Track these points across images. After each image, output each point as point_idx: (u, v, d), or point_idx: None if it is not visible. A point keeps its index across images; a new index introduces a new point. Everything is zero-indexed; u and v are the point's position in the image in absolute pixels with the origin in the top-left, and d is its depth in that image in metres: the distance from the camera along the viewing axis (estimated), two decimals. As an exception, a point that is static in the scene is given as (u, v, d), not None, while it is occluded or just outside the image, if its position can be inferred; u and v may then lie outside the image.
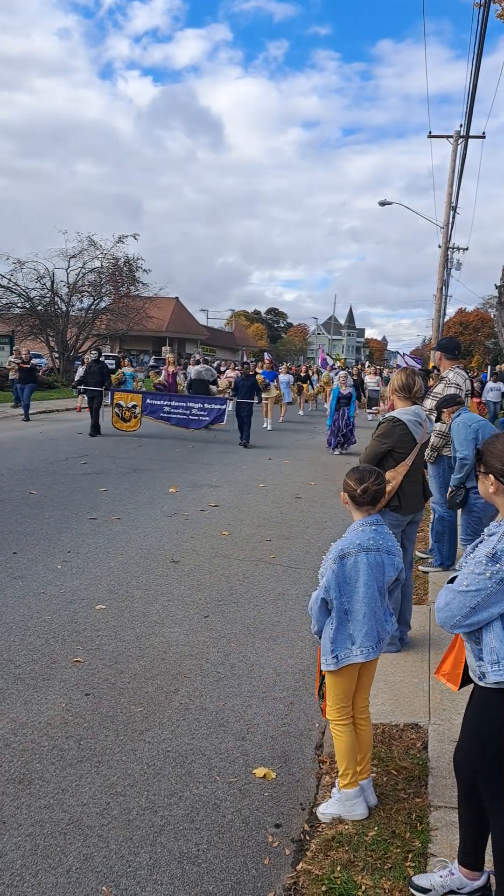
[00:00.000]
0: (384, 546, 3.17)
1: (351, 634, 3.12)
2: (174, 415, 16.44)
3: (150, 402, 16.62)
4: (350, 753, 3.16)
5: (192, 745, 3.75)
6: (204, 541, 7.77)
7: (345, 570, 3.10)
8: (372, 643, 3.12)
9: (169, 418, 16.45)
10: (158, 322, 47.24)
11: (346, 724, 3.17)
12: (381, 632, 3.16)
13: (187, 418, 16.37)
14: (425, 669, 4.63)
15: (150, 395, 17.05)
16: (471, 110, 20.85)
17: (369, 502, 3.21)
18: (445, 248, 29.06)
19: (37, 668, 4.55)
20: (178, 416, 16.42)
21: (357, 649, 3.10)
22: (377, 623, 3.14)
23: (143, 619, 5.43)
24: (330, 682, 3.19)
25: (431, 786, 3.34)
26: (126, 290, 34.30)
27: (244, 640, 5.16)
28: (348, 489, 3.24)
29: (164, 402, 16.63)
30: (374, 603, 3.12)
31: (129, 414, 16.55)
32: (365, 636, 3.10)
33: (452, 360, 6.95)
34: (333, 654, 3.11)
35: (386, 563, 3.16)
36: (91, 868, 2.84)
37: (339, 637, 3.12)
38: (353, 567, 3.11)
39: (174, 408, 16.49)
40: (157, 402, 16.64)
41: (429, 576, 6.71)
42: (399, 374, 4.95)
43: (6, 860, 2.87)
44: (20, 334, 31.49)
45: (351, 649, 3.11)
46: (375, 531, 3.18)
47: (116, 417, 16.49)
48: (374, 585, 3.11)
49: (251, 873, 2.88)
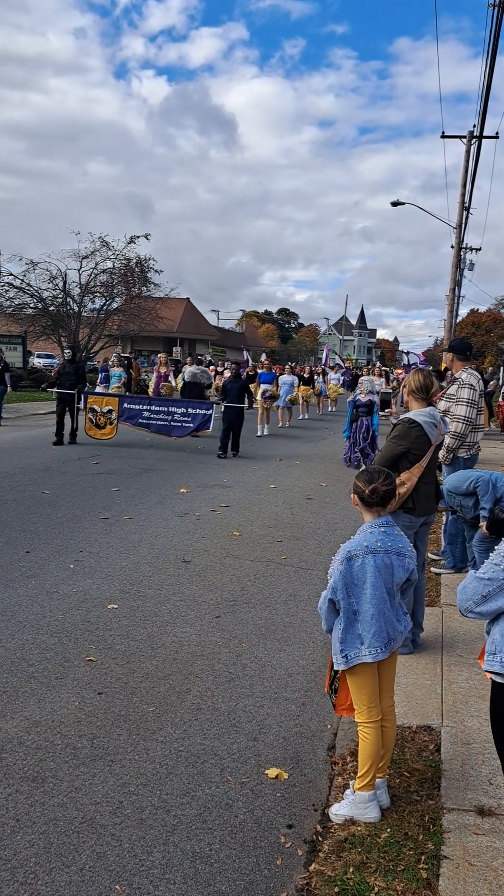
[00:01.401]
0: (393, 547, 3.16)
1: (360, 635, 3.12)
2: (154, 421, 14.66)
3: (127, 406, 14.81)
4: (375, 756, 3.14)
5: (204, 745, 3.75)
6: (215, 541, 7.78)
7: (352, 572, 3.11)
8: (381, 643, 3.11)
9: (149, 425, 14.69)
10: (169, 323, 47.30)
11: (374, 725, 3.15)
12: (391, 632, 3.15)
13: (169, 425, 14.61)
14: (438, 672, 4.62)
15: (128, 399, 15.27)
16: (485, 111, 20.82)
17: (379, 503, 3.21)
18: (458, 249, 28.95)
19: (50, 666, 4.57)
20: (158, 422, 14.65)
21: (366, 649, 3.11)
22: (386, 623, 3.13)
23: (154, 619, 5.44)
24: (354, 684, 3.18)
25: (444, 788, 3.33)
26: (137, 290, 34.37)
27: (256, 640, 5.16)
28: (357, 490, 3.25)
29: (144, 406, 14.82)
30: (383, 604, 3.12)
31: (104, 420, 14.75)
32: (374, 636, 3.10)
33: (464, 361, 6.92)
34: (343, 654, 3.13)
35: (395, 565, 3.15)
36: (104, 867, 2.86)
37: (347, 637, 3.13)
38: (361, 568, 3.11)
39: (154, 413, 14.70)
40: (136, 406, 14.85)
41: (441, 578, 6.69)
42: (416, 375, 4.93)
43: (20, 858, 2.88)
44: (32, 334, 31.63)
45: (360, 649, 3.11)
46: (384, 533, 3.18)
47: (90, 424, 14.77)
48: (381, 587, 3.11)
49: (263, 874, 2.89)
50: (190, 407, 14.86)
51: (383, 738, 3.21)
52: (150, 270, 33.91)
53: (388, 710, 3.28)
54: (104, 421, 14.75)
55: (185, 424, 14.58)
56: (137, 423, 14.74)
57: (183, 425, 14.58)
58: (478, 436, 6.82)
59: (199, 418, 14.56)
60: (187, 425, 14.58)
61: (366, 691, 3.16)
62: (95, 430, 14.76)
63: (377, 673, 3.20)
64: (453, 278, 29.02)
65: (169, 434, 14.64)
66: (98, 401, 14.93)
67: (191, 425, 14.56)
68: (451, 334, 29.54)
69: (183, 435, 14.63)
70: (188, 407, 14.85)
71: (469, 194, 28.09)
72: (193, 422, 14.55)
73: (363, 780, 3.14)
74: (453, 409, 6.62)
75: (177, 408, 14.79)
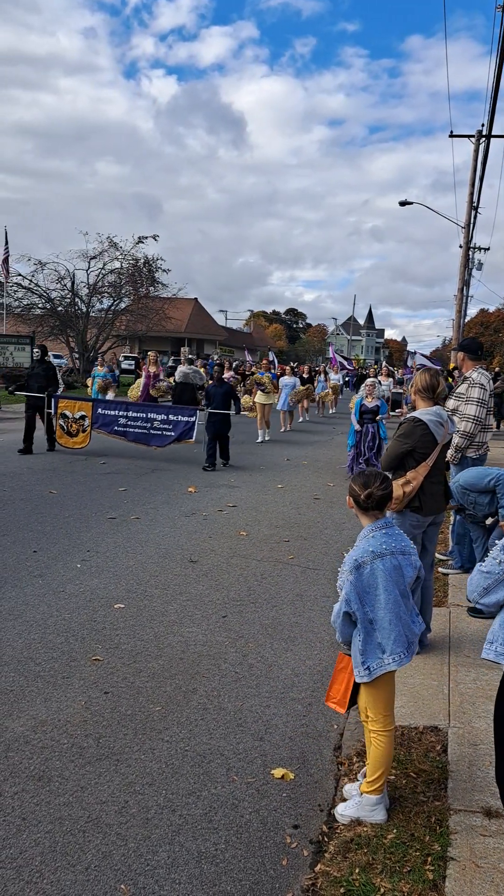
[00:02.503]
0: (398, 548, 3.13)
1: (380, 643, 3.06)
2: (132, 428, 13.21)
3: (101, 412, 13.37)
4: (387, 763, 3.11)
5: (210, 745, 3.75)
6: (222, 541, 7.77)
7: (362, 580, 3.06)
8: (402, 648, 3.06)
9: (125, 433, 13.26)
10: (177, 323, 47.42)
11: (389, 734, 3.12)
12: (409, 635, 3.10)
13: (147, 433, 13.17)
14: (445, 672, 4.60)
15: (102, 404, 13.79)
16: (493, 110, 20.76)
17: (375, 507, 3.17)
18: (467, 248, 28.86)
19: (56, 666, 4.58)
20: (136, 430, 13.20)
21: (388, 657, 3.04)
22: (404, 627, 3.08)
23: (161, 619, 5.44)
24: (370, 695, 3.12)
25: (451, 789, 3.31)
26: (145, 290, 34.45)
27: (262, 640, 5.15)
28: (353, 494, 3.20)
29: (120, 412, 13.33)
30: (398, 608, 3.07)
31: (76, 427, 13.38)
32: (394, 642, 3.04)
33: (475, 360, 6.89)
34: (365, 667, 3.05)
35: (403, 565, 3.12)
36: (110, 866, 2.85)
37: (368, 648, 3.06)
38: (371, 575, 3.06)
39: (132, 420, 13.23)
40: (111, 412, 13.37)
41: (449, 578, 6.66)
42: (423, 375, 4.92)
43: (26, 857, 2.88)
44: (40, 335, 31.74)
45: (382, 658, 3.04)
46: (386, 535, 3.14)
47: (61, 431, 13.44)
48: (394, 590, 3.06)
49: (269, 874, 2.88)
50: (171, 413, 13.31)
51: None
52: (157, 270, 34.00)
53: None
54: (76, 428, 13.43)
55: (165, 433, 13.15)
56: (113, 431, 13.35)
57: (163, 434, 13.15)
58: (487, 436, 6.79)
59: (181, 426, 13.06)
60: (168, 434, 13.14)
61: (383, 700, 3.12)
62: (67, 437, 13.47)
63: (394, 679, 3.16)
64: (462, 278, 28.94)
65: (148, 443, 13.27)
66: (70, 405, 13.53)
67: (172, 434, 13.10)
68: (460, 334, 29.46)
69: (164, 444, 13.20)
70: (169, 413, 13.31)
71: (477, 194, 28.03)
72: (175, 430, 13.08)
73: (373, 785, 3.12)
74: (462, 409, 6.59)
75: (156, 414, 13.29)
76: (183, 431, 13.03)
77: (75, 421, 13.41)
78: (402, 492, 4.69)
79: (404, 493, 4.70)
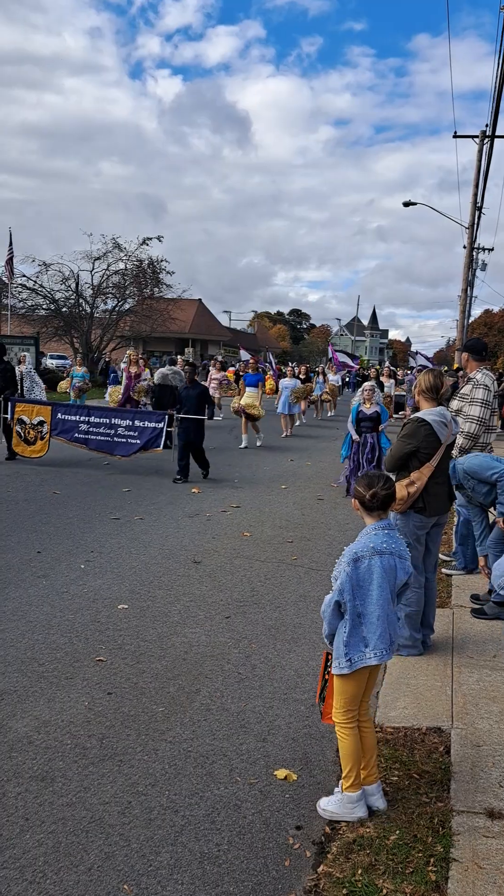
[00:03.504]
0: (396, 550, 3.21)
1: (364, 637, 3.14)
2: (94, 436, 12.01)
3: (61, 417, 12.16)
4: (355, 756, 3.18)
5: (213, 746, 3.75)
6: (225, 541, 7.78)
7: (359, 573, 3.14)
8: (385, 646, 3.14)
9: (87, 441, 12.07)
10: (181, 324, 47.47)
11: (352, 727, 3.19)
12: (393, 634, 3.19)
13: (111, 441, 11.92)
14: (448, 673, 4.59)
15: (63, 409, 12.50)
16: (496, 111, 20.68)
17: (379, 507, 3.26)
18: (470, 249, 28.84)
19: (60, 666, 4.58)
20: (98, 437, 11.99)
21: (370, 652, 3.13)
22: (390, 626, 3.17)
23: (164, 619, 5.44)
24: (340, 687, 3.20)
25: (454, 790, 3.31)
26: (150, 291, 34.49)
27: (266, 641, 5.15)
28: (358, 495, 3.30)
29: (81, 418, 12.13)
30: (388, 605, 3.15)
31: (33, 434, 12.18)
32: (378, 638, 3.13)
33: (479, 361, 6.89)
34: (347, 658, 3.13)
35: (398, 567, 3.20)
36: (112, 867, 2.86)
37: (352, 640, 3.14)
38: (367, 570, 3.14)
39: (94, 426, 12.02)
40: (72, 417, 12.18)
41: (452, 579, 6.65)
42: (426, 375, 4.92)
43: (29, 857, 2.89)
44: (45, 335, 31.80)
45: (364, 652, 3.13)
46: (388, 535, 3.23)
47: (18, 438, 12.25)
48: (387, 588, 3.14)
49: (272, 875, 2.88)
50: (137, 419, 12.01)
51: (365, 740, 3.24)
52: (162, 272, 34.03)
53: (366, 713, 3.30)
54: (34, 435, 12.22)
55: (130, 441, 11.82)
56: (73, 439, 12.15)
57: (128, 441, 11.83)
58: (491, 436, 6.78)
59: (148, 433, 11.69)
60: (133, 442, 11.80)
61: (349, 695, 3.19)
62: (24, 445, 12.27)
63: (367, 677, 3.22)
64: (465, 278, 28.91)
65: (112, 452, 12.05)
66: (27, 410, 12.29)
67: (137, 442, 11.74)
68: (464, 335, 29.42)
69: (129, 454, 11.88)
70: (135, 419, 12.02)
71: (481, 194, 27.97)
72: (141, 437, 11.72)
73: (348, 781, 3.17)
74: (466, 410, 6.58)
75: (121, 420, 12.00)
76: (150, 439, 11.67)
77: (33, 427, 12.23)
78: (406, 492, 4.69)
79: (408, 494, 4.70)
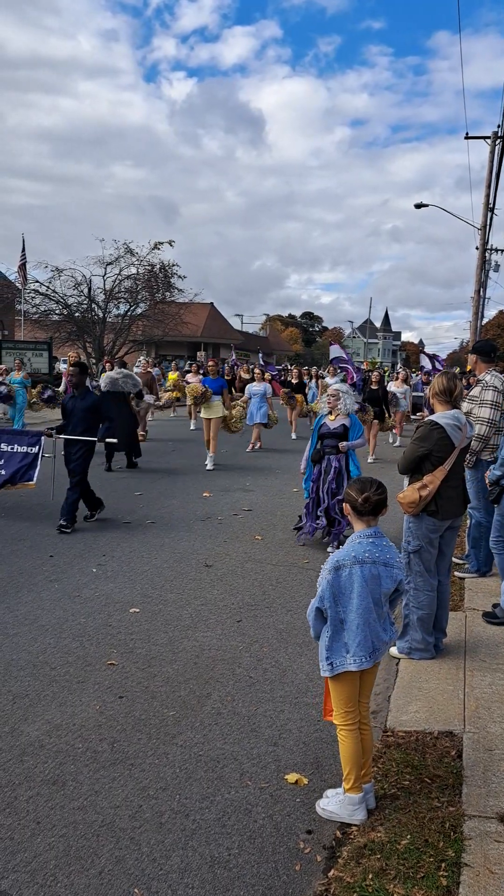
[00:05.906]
0: (381, 558, 3.21)
1: (346, 643, 3.18)
2: None
3: None
4: (355, 758, 3.19)
5: (223, 750, 3.75)
6: (237, 545, 7.78)
7: (339, 581, 3.18)
8: (365, 653, 3.16)
9: None
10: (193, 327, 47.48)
11: (352, 728, 3.21)
12: (375, 641, 3.20)
13: None
14: (460, 677, 4.57)
15: None
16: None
17: (370, 512, 3.26)
18: (483, 250, 28.71)
19: (71, 670, 4.60)
20: None
21: (351, 658, 3.16)
22: (371, 633, 3.18)
23: (176, 623, 5.45)
24: (333, 689, 3.25)
25: (465, 795, 3.29)
26: (162, 296, 34.59)
27: (277, 645, 5.15)
28: (349, 499, 3.29)
29: None
30: (368, 614, 3.17)
31: None
32: (358, 646, 3.15)
33: (488, 363, 6.85)
34: (329, 661, 3.19)
35: (383, 576, 3.20)
36: (123, 870, 2.86)
37: (334, 645, 3.19)
38: (348, 578, 3.17)
39: None
40: None
41: (465, 582, 6.62)
42: (440, 378, 4.91)
43: (40, 861, 2.90)
44: (58, 340, 31.97)
45: (345, 657, 3.17)
46: (372, 543, 3.23)
47: None
48: (368, 597, 3.16)
49: (282, 879, 2.87)
50: (4, 442, 8.82)
51: (363, 742, 3.25)
52: (174, 276, 34.11)
53: (365, 715, 3.32)
54: None
55: None
56: None
57: None
58: (501, 438, 6.74)
59: (17, 462, 8.67)
60: None
61: (345, 697, 3.22)
62: None
63: (359, 680, 3.24)
64: (478, 280, 28.80)
65: None
66: None
67: (2, 473, 8.65)
68: (477, 336, 29.30)
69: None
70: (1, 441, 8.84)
71: (494, 195, 27.85)
72: (6, 468, 8.65)
73: (349, 783, 3.19)
74: (476, 412, 6.55)
75: None
76: (17, 471, 8.64)
77: None
78: (419, 496, 4.68)
79: (420, 497, 4.68)
